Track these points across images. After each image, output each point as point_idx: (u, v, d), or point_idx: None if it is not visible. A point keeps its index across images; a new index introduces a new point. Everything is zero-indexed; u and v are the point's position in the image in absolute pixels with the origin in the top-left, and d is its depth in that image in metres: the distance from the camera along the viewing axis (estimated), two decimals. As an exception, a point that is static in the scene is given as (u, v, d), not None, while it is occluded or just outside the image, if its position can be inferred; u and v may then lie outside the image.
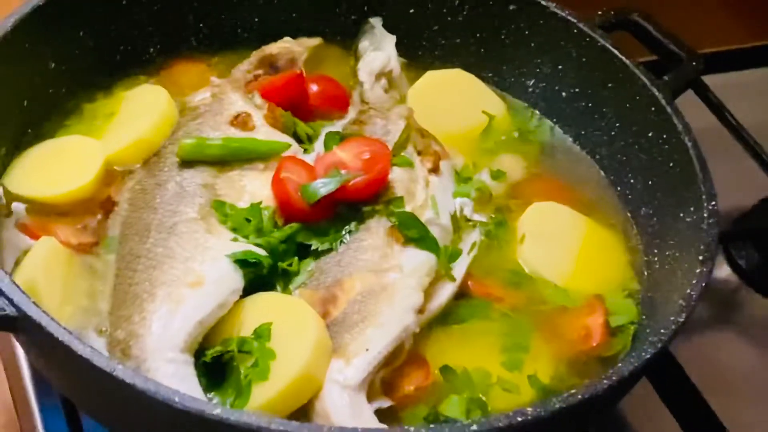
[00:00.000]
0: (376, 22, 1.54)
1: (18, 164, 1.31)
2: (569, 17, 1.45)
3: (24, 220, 1.27)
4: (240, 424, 0.98)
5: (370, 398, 1.14)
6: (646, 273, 1.33)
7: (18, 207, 1.27)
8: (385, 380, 1.17)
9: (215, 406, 1.00)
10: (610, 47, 1.42)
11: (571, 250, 1.34)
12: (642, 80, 1.38)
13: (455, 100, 1.48)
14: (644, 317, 1.28)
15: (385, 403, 1.16)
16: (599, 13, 1.47)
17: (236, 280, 1.18)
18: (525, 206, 1.38)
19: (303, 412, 1.12)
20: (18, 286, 1.05)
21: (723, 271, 1.54)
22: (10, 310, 1.05)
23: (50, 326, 1.03)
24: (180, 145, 1.31)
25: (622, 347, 1.25)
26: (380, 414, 1.14)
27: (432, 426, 1.01)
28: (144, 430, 1.08)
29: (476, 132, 1.47)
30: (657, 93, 1.37)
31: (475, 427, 1.00)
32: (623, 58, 1.41)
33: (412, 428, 1.00)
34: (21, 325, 1.05)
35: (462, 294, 1.27)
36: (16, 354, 1.31)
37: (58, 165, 1.31)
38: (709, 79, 1.65)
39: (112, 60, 1.44)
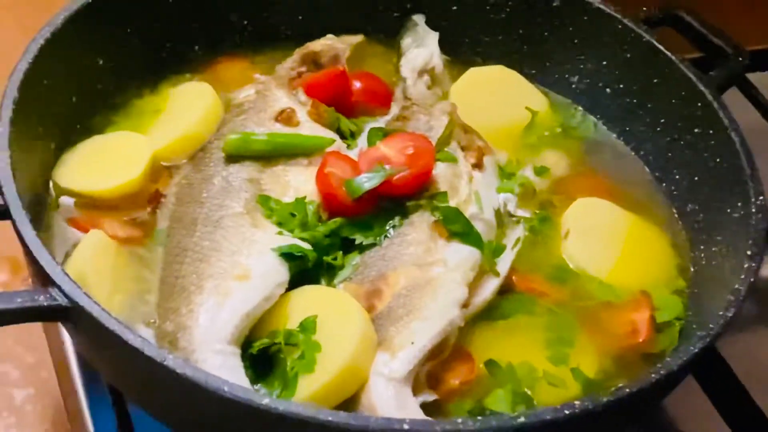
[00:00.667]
0: (419, 19, 1.54)
1: (67, 159, 1.33)
2: (614, 13, 1.44)
3: (73, 214, 1.28)
4: (288, 414, 0.99)
5: (416, 392, 1.14)
6: (692, 269, 1.32)
7: (67, 201, 1.29)
8: (431, 374, 1.17)
9: (263, 396, 1.01)
10: (655, 43, 1.41)
11: (616, 246, 1.33)
12: (688, 75, 1.38)
13: (498, 96, 1.48)
14: (690, 314, 1.27)
15: (430, 396, 1.16)
16: (644, 9, 1.47)
17: (282, 273, 1.19)
18: (569, 202, 1.37)
19: (348, 405, 1.12)
20: (69, 277, 1.07)
21: (769, 269, 1.53)
22: (62, 300, 1.06)
23: (101, 316, 1.04)
24: (226, 140, 1.32)
25: (669, 343, 1.24)
26: (425, 407, 1.14)
27: (479, 418, 1.01)
28: (192, 419, 1.09)
29: (519, 128, 1.47)
30: (703, 88, 1.36)
31: (522, 419, 1.00)
32: (668, 53, 1.40)
33: (459, 420, 1.00)
34: (72, 315, 1.06)
35: (506, 289, 1.27)
36: (64, 345, 1.33)
37: (107, 160, 1.33)
38: (754, 77, 1.63)
39: (158, 57, 1.45)
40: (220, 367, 1.10)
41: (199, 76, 1.46)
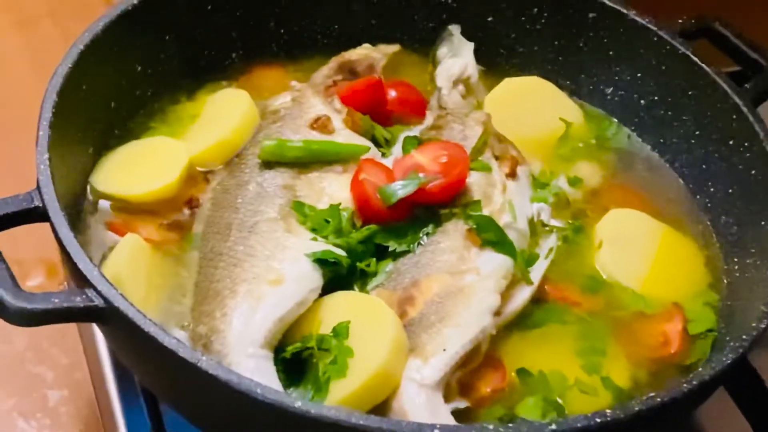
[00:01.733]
0: (454, 29, 1.55)
1: (105, 163, 1.35)
2: (649, 25, 1.44)
3: (110, 218, 1.30)
4: (320, 417, 1.00)
5: (447, 399, 1.15)
6: (725, 281, 1.32)
7: (104, 204, 1.31)
8: (462, 382, 1.18)
9: (296, 399, 1.01)
10: (691, 55, 1.41)
11: (649, 257, 1.33)
12: (723, 88, 1.37)
13: (532, 107, 1.49)
14: (723, 326, 1.26)
15: (462, 403, 1.16)
16: (680, 21, 1.47)
17: (316, 278, 1.20)
18: (603, 213, 1.37)
19: (380, 411, 1.12)
20: (106, 278, 1.08)
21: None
22: (98, 301, 1.07)
23: (137, 318, 1.05)
24: (261, 146, 1.33)
25: (701, 355, 1.24)
26: (456, 415, 1.14)
27: (510, 425, 1.01)
28: (224, 422, 1.10)
29: (553, 139, 1.47)
30: (738, 100, 1.36)
31: (553, 426, 1.00)
32: (704, 65, 1.40)
33: (490, 426, 1.00)
34: (108, 316, 1.08)
35: (539, 299, 1.27)
36: (98, 347, 1.34)
37: (144, 164, 1.35)
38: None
39: (196, 64, 1.47)
40: (253, 370, 1.11)
41: (235, 84, 1.48)
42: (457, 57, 1.53)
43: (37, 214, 1.15)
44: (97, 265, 1.13)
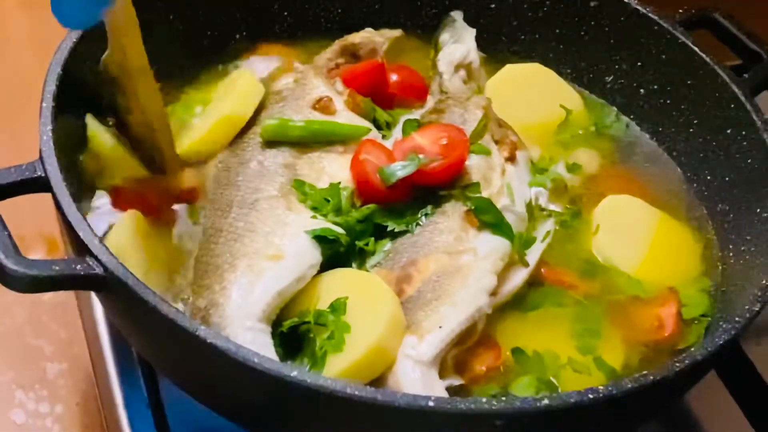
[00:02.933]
0: (457, 15, 1.56)
1: None
2: (650, 14, 1.45)
3: (114, 193, 1.31)
4: (316, 387, 1.01)
5: (442, 376, 1.16)
6: (720, 267, 1.33)
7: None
8: (457, 360, 1.19)
9: (292, 368, 1.02)
10: (691, 44, 1.42)
11: (645, 242, 1.34)
12: (722, 77, 1.38)
13: (533, 93, 1.50)
14: (717, 311, 1.28)
15: (457, 381, 1.17)
16: (680, 11, 1.48)
17: (315, 255, 1.21)
18: (600, 199, 1.38)
19: (375, 386, 1.12)
20: (106, 247, 1.09)
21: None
22: (98, 270, 1.08)
23: (137, 286, 1.06)
24: (263, 126, 1.34)
25: (695, 340, 1.25)
26: (451, 392, 1.15)
27: (504, 398, 1.02)
28: (222, 392, 1.11)
29: (553, 126, 1.48)
30: (737, 90, 1.37)
31: (546, 401, 1.01)
32: (703, 55, 1.41)
33: (483, 399, 1.01)
34: (108, 284, 1.09)
35: (536, 282, 1.28)
36: (97, 322, 1.35)
37: None
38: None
39: (199, 45, 1.48)
40: (251, 343, 1.11)
41: (241, 64, 1.49)
42: (459, 43, 1.54)
43: (40, 185, 1.16)
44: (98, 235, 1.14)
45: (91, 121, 1.30)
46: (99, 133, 1.30)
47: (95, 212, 1.28)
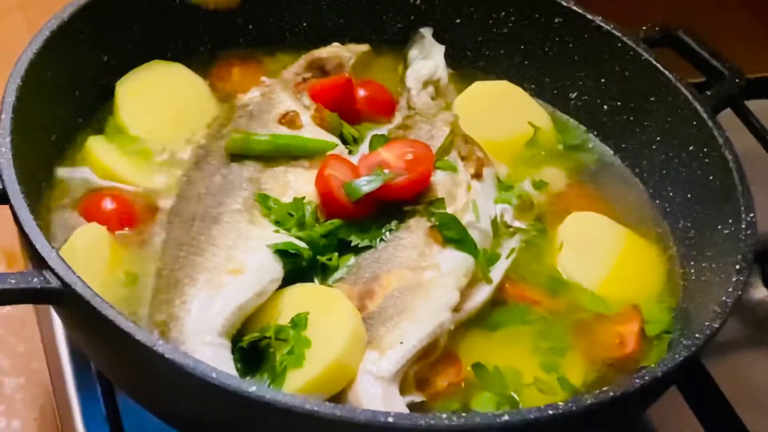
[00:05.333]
0: (426, 32, 1.56)
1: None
2: (614, 31, 1.46)
3: (78, 203, 1.30)
4: (275, 403, 1.00)
5: (404, 392, 1.16)
6: (682, 284, 1.33)
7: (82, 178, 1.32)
8: (419, 376, 1.18)
9: (251, 384, 1.01)
10: (654, 61, 1.43)
11: (609, 260, 1.34)
12: (684, 94, 1.39)
13: (501, 111, 1.50)
14: (679, 327, 1.28)
15: (418, 398, 1.17)
16: (644, 28, 1.49)
17: (276, 269, 1.20)
18: (565, 216, 1.39)
19: (336, 402, 1.11)
20: (63, 260, 1.08)
21: (759, 291, 1.54)
22: (55, 283, 1.07)
23: (93, 300, 1.05)
24: (228, 139, 1.33)
25: (657, 357, 1.25)
26: (412, 408, 1.15)
27: (464, 414, 1.01)
28: (180, 407, 1.10)
29: (520, 143, 1.48)
30: (699, 107, 1.38)
31: (506, 417, 1.01)
32: (666, 72, 1.42)
33: (443, 415, 1.01)
34: (64, 298, 1.07)
35: (500, 300, 1.28)
36: (56, 336, 1.34)
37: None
38: (750, 104, 1.65)
39: (163, 56, 1.46)
40: (210, 358, 1.10)
41: (204, 77, 1.48)
42: (427, 59, 1.54)
43: (-2, 197, 1.15)
44: (56, 248, 1.13)
45: (92, 140, 1.34)
46: (94, 142, 1.32)
47: (59, 223, 1.27)
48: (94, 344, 1.15)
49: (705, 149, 1.36)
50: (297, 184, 1.31)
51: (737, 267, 1.20)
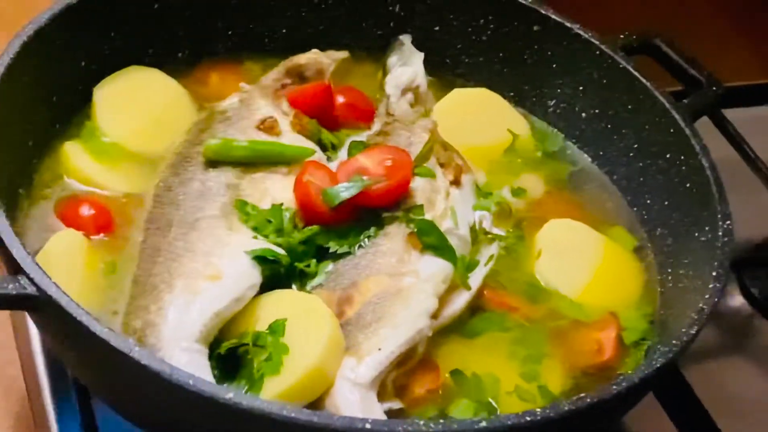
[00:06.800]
0: (405, 39, 1.56)
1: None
2: (592, 39, 1.47)
3: (55, 208, 1.29)
4: (252, 410, 0.99)
5: (382, 399, 1.15)
6: (660, 291, 1.34)
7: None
8: (398, 383, 1.18)
9: (228, 390, 1.01)
10: (631, 69, 1.44)
11: (587, 267, 1.35)
12: (662, 102, 1.40)
13: (481, 118, 1.51)
14: (657, 334, 1.29)
15: (396, 404, 1.16)
16: (622, 36, 1.50)
17: (254, 275, 1.20)
18: (543, 223, 1.39)
19: (313, 408, 1.12)
20: (39, 266, 1.07)
21: (736, 299, 1.55)
22: (30, 289, 1.06)
23: (69, 306, 1.04)
24: (206, 145, 1.33)
25: (635, 364, 1.25)
26: (390, 415, 1.14)
27: (441, 421, 1.01)
28: (156, 415, 1.09)
29: (499, 150, 1.49)
30: (676, 115, 1.38)
31: (484, 424, 1.01)
32: (644, 80, 1.43)
33: (421, 421, 1.01)
34: (40, 304, 1.07)
35: (478, 307, 1.28)
36: (32, 344, 1.33)
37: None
38: (727, 113, 1.66)
39: (141, 62, 1.46)
40: (186, 364, 1.10)
41: (182, 82, 1.47)
42: (406, 66, 1.54)
43: (-28, 202, 1.14)
44: (32, 254, 1.12)
45: (69, 146, 1.33)
46: (71, 148, 1.31)
47: (35, 229, 1.26)
48: (69, 351, 1.14)
49: (682, 157, 1.37)
50: (275, 190, 1.31)
51: (714, 274, 1.20)
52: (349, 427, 1.00)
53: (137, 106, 1.41)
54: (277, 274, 1.22)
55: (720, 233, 1.25)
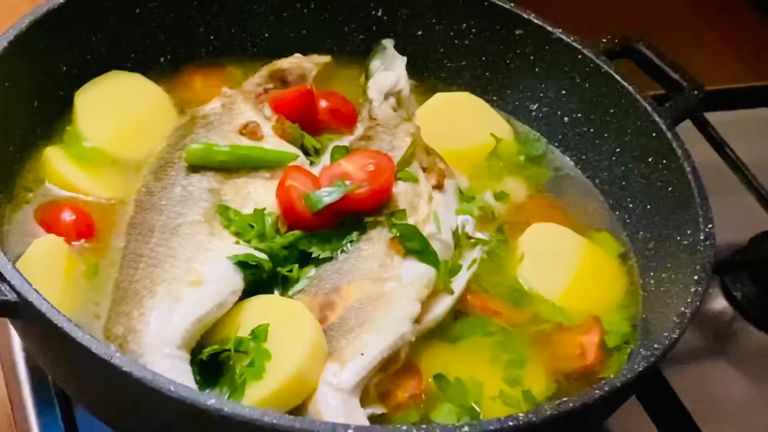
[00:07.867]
0: (388, 43, 1.56)
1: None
2: (574, 43, 1.47)
3: (36, 214, 1.29)
4: (234, 416, 0.99)
5: (365, 404, 1.15)
6: (642, 295, 1.34)
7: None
8: (380, 388, 1.18)
9: (210, 396, 1.01)
10: (613, 73, 1.44)
11: (569, 270, 1.35)
12: (643, 106, 1.41)
13: (463, 122, 1.51)
14: (639, 338, 1.29)
15: (379, 409, 1.16)
16: (604, 40, 1.50)
17: (236, 281, 1.19)
18: (526, 227, 1.39)
19: (296, 414, 1.11)
20: (20, 272, 1.07)
21: (719, 302, 1.55)
22: (11, 296, 1.06)
23: (50, 312, 1.04)
24: (188, 150, 1.33)
25: (617, 367, 1.26)
26: (373, 420, 1.14)
27: (424, 426, 1.01)
28: (139, 421, 1.09)
29: (482, 154, 1.49)
30: (658, 119, 1.39)
31: (466, 428, 1.01)
32: (626, 84, 1.43)
33: (404, 427, 1.01)
34: (21, 311, 1.06)
35: (461, 312, 1.28)
36: (14, 351, 1.32)
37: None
38: (709, 116, 1.67)
39: (123, 67, 1.46)
40: (168, 370, 1.10)
41: (164, 87, 1.47)
42: (389, 70, 1.54)
43: (-47, 208, 1.14)
44: (13, 260, 1.12)
45: (50, 151, 1.33)
46: (52, 153, 1.31)
47: (16, 234, 1.26)
48: (51, 357, 1.14)
49: (664, 161, 1.37)
50: (257, 195, 1.30)
51: (696, 278, 1.21)
52: (331, 432, 0.99)
53: (119, 111, 1.41)
54: (260, 280, 1.22)
55: (702, 237, 1.25)
